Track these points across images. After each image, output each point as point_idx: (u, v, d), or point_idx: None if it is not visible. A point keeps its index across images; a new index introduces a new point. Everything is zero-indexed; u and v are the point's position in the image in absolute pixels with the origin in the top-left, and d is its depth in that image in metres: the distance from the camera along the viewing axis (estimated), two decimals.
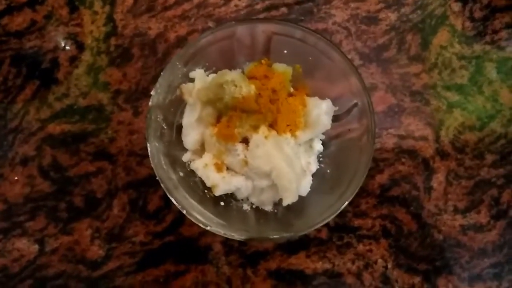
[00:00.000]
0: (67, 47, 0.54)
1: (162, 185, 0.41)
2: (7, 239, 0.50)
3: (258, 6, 0.56)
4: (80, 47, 0.54)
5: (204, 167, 0.46)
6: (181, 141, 0.47)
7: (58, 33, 0.55)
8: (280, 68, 0.47)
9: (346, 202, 0.41)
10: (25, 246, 0.50)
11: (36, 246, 0.50)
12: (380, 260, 0.51)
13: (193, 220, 0.41)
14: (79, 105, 0.53)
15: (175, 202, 0.41)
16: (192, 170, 0.46)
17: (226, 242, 0.50)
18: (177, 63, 0.44)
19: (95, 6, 0.55)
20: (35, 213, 0.51)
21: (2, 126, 0.53)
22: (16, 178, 0.51)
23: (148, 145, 0.42)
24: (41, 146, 0.52)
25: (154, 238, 0.50)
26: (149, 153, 0.42)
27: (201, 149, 0.47)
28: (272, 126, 0.46)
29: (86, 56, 0.54)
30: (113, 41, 0.54)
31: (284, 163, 0.44)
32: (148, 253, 0.50)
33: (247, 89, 0.44)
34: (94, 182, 0.51)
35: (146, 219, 0.51)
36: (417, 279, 0.50)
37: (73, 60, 0.54)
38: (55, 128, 0.52)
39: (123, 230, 0.50)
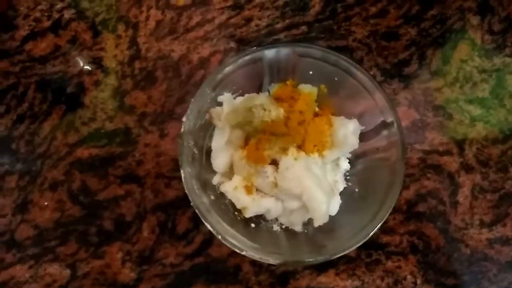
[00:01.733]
0: (92, 72, 0.55)
1: (196, 211, 0.42)
2: (38, 264, 0.51)
3: (279, 25, 0.57)
4: (104, 71, 0.55)
5: (234, 189, 0.46)
6: (211, 164, 0.47)
7: (82, 57, 0.55)
8: (306, 89, 0.48)
9: (380, 223, 0.42)
10: (57, 271, 0.51)
11: (68, 271, 0.51)
12: (409, 276, 0.51)
13: (228, 246, 0.42)
14: (106, 128, 0.53)
15: (210, 228, 0.42)
16: (222, 193, 0.47)
17: (255, 262, 0.51)
18: (206, 89, 0.45)
19: (118, 30, 0.56)
20: (66, 238, 0.51)
21: (30, 151, 0.53)
22: (46, 203, 0.52)
23: (181, 171, 0.42)
24: (70, 170, 0.53)
25: (184, 259, 0.51)
26: (183, 180, 0.42)
27: (230, 172, 0.48)
28: (300, 147, 0.46)
29: (111, 80, 0.55)
30: (137, 64, 0.55)
31: (315, 185, 0.44)
32: (179, 275, 0.51)
33: (276, 112, 0.44)
34: (123, 206, 0.52)
35: (176, 241, 0.51)
36: None
37: (98, 84, 0.55)
38: (83, 152, 0.53)
39: (153, 253, 0.51)
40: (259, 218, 0.48)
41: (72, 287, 0.50)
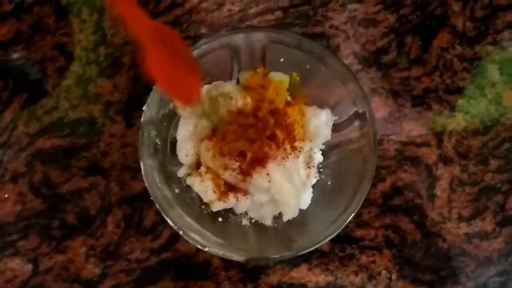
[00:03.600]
0: (55, 58, 0.52)
1: (157, 205, 0.40)
2: None
3: (252, 11, 0.54)
4: (68, 57, 0.52)
5: (200, 182, 0.44)
6: (176, 156, 0.45)
7: (45, 43, 0.53)
8: (277, 77, 0.46)
9: (351, 216, 0.40)
10: (18, 266, 0.49)
11: (30, 266, 0.49)
12: (384, 272, 0.49)
13: (190, 241, 0.40)
14: (69, 118, 0.51)
15: (171, 223, 0.40)
16: (188, 185, 0.45)
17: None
18: None
19: (83, 14, 0.53)
20: (28, 232, 0.49)
21: None
22: (6, 196, 0.50)
23: (141, 163, 0.40)
24: (32, 162, 0.50)
25: (151, 254, 0.49)
26: (143, 172, 0.40)
27: (196, 164, 0.45)
28: (270, 138, 0.44)
29: (75, 67, 0.52)
30: (102, 50, 0.52)
31: (283, 178, 0.42)
32: (145, 271, 0.49)
33: (243, 101, 0.42)
34: (87, 198, 0.50)
35: (142, 235, 0.49)
36: None
37: (62, 71, 0.52)
38: (45, 142, 0.51)
39: (118, 247, 0.49)
40: (228, 212, 0.46)
41: (34, 283, 0.48)
